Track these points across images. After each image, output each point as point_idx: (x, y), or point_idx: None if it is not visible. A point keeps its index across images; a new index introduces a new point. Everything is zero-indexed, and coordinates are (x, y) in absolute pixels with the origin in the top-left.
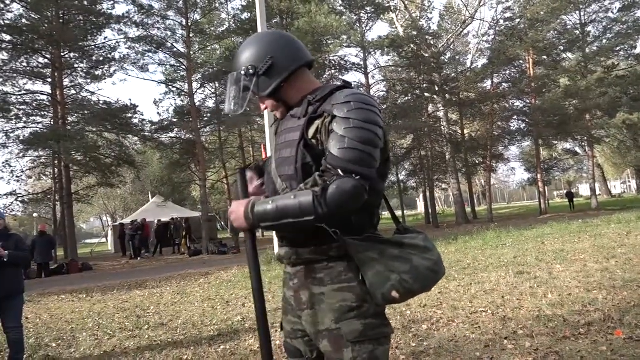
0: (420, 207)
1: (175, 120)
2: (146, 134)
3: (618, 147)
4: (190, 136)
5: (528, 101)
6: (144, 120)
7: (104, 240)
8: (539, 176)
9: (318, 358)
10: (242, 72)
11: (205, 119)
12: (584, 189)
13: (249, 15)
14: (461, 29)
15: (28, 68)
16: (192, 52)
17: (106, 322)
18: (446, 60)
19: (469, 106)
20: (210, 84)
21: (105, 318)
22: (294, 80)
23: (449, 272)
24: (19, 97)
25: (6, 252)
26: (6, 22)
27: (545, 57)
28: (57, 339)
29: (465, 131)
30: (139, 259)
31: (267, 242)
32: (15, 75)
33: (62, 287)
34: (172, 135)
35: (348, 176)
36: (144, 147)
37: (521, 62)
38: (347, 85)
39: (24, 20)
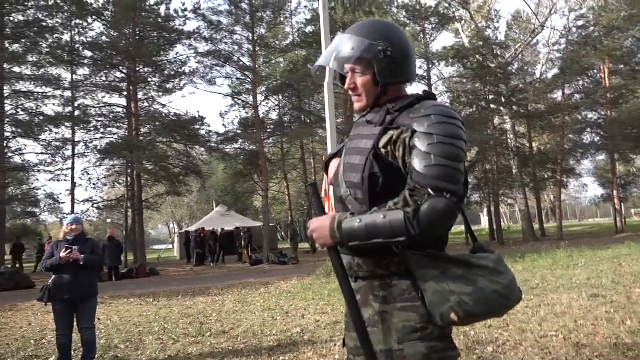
0: (484, 223)
1: (239, 131)
2: (212, 144)
3: None
4: (254, 147)
5: (603, 113)
6: (210, 131)
7: (170, 246)
8: (614, 192)
9: None
10: (380, 46)
11: (269, 130)
12: None
13: (313, 28)
14: (530, 38)
15: (106, 82)
16: (257, 66)
17: (171, 326)
18: (514, 71)
19: (538, 118)
20: (274, 97)
21: (170, 323)
22: (399, 89)
23: None
24: (97, 109)
25: (82, 255)
26: (88, 39)
27: (622, 66)
28: (125, 340)
29: (534, 144)
30: (202, 266)
31: (326, 254)
32: (94, 89)
33: (131, 291)
34: (236, 146)
35: (439, 195)
36: (209, 158)
37: (595, 71)
38: (429, 96)
39: (103, 38)
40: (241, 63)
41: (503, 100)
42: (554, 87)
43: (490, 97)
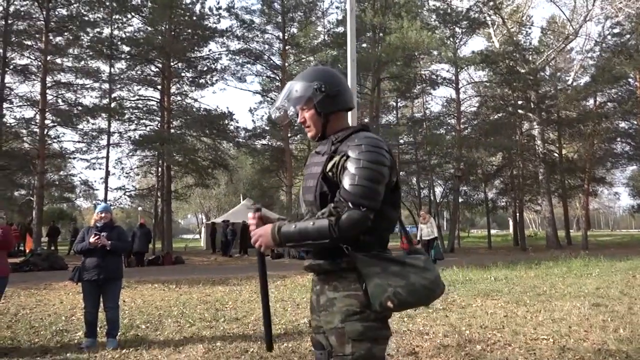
0: (512, 228)
1: (267, 128)
2: (240, 140)
3: None
4: (280, 144)
5: (635, 122)
6: (238, 127)
7: (197, 236)
8: None
9: None
10: (316, 85)
11: (295, 128)
12: None
13: (343, 29)
14: (563, 45)
15: (142, 76)
16: (287, 64)
17: (189, 311)
18: (546, 77)
19: (568, 125)
20: None
21: (189, 308)
22: (339, 116)
23: (519, 297)
24: (132, 102)
25: (109, 242)
26: (127, 34)
27: None
28: (146, 322)
29: (563, 151)
30: (226, 257)
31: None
32: (130, 82)
33: (156, 277)
34: (263, 142)
35: (356, 208)
36: (237, 152)
37: (630, 80)
38: (364, 128)
39: (140, 34)
40: (271, 61)
41: (532, 106)
42: (586, 95)
43: (519, 102)
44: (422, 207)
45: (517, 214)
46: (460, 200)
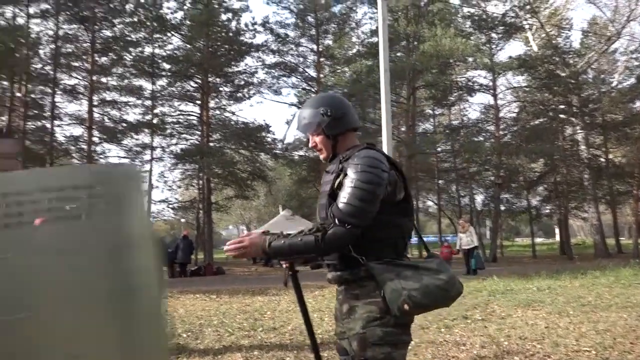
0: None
1: (304, 139)
2: (277, 151)
3: None
4: (316, 155)
5: None
6: (275, 139)
7: None
8: None
9: None
10: (321, 111)
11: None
12: None
13: (377, 39)
14: (606, 46)
15: (182, 92)
16: (322, 76)
17: (228, 321)
18: (588, 80)
19: (613, 129)
20: None
21: (228, 318)
22: (347, 136)
23: (562, 308)
24: (173, 117)
25: None
26: (167, 52)
27: None
28: (187, 331)
29: (610, 156)
30: (267, 267)
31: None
32: (171, 98)
33: (198, 287)
34: (300, 153)
35: (342, 225)
36: (275, 164)
37: None
38: (369, 146)
39: (179, 51)
40: (306, 74)
41: (574, 110)
42: (632, 97)
43: (560, 107)
44: (462, 216)
45: (563, 222)
46: (502, 208)
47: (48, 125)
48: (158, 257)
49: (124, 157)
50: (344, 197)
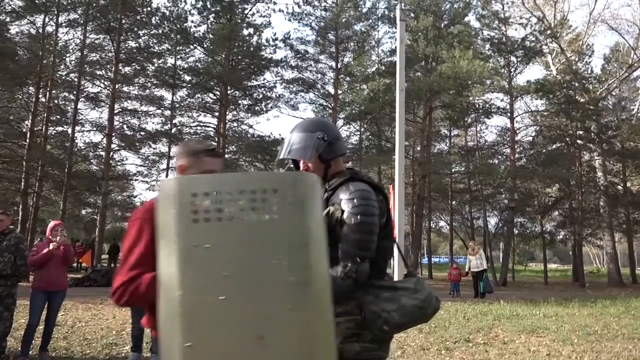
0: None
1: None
2: (291, 165)
3: None
4: None
5: None
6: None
7: None
8: None
9: None
10: (319, 135)
11: (347, 154)
12: None
13: (396, 58)
14: (627, 73)
15: (201, 103)
16: (340, 92)
17: None
18: (609, 106)
19: (632, 157)
20: (354, 123)
21: None
22: (337, 161)
23: (567, 336)
24: (191, 127)
25: None
26: (188, 64)
27: None
28: None
29: (628, 184)
30: None
31: None
32: (190, 109)
33: None
34: None
35: (362, 261)
36: None
37: None
38: (354, 175)
39: (200, 64)
40: (324, 90)
41: (592, 136)
42: None
43: (578, 132)
44: (473, 239)
45: (577, 248)
46: (515, 232)
47: (69, 131)
48: (326, 255)
49: (141, 165)
50: (354, 233)
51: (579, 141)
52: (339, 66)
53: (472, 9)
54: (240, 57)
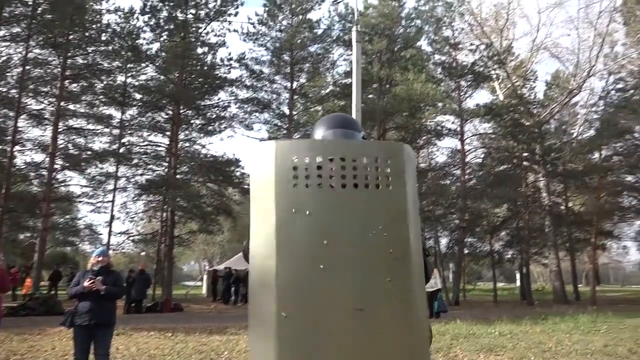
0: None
1: None
2: (245, 186)
3: None
4: None
5: None
6: (244, 173)
7: (199, 283)
8: None
9: None
10: (363, 135)
11: None
12: None
13: (351, 80)
14: (567, 99)
15: (152, 122)
16: (294, 113)
17: None
18: (551, 130)
19: (573, 178)
20: None
21: (183, 357)
22: None
23: (524, 353)
24: (141, 147)
25: (104, 286)
26: (140, 82)
27: None
28: None
29: (570, 204)
30: (227, 305)
31: None
32: (140, 128)
33: (153, 324)
34: None
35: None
36: (242, 199)
37: (635, 134)
38: None
39: (152, 82)
40: (279, 110)
41: (537, 158)
42: (591, 148)
43: (524, 154)
44: None
45: (524, 267)
46: (465, 251)
47: (7, 149)
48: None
49: (86, 186)
50: None
51: (525, 163)
52: (294, 87)
53: (424, 34)
54: (193, 76)
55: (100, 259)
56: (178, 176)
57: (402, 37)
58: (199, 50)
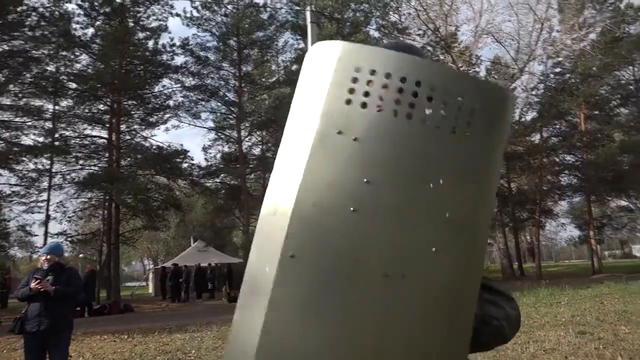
0: None
1: (222, 166)
2: (194, 178)
3: None
4: (236, 182)
5: (580, 156)
6: (193, 165)
7: (144, 283)
8: (591, 234)
9: None
10: None
11: (251, 166)
12: (637, 250)
13: (299, 66)
14: (509, 83)
15: (89, 114)
16: (242, 101)
17: None
18: None
19: (517, 159)
20: (258, 132)
21: (147, 359)
22: None
23: None
24: (78, 140)
25: (53, 287)
26: (74, 71)
27: (597, 112)
28: None
29: (513, 185)
30: (178, 303)
31: None
32: (76, 120)
33: (105, 327)
34: (217, 180)
35: None
36: (191, 191)
37: (572, 117)
38: None
39: (89, 70)
40: (226, 98)
41: None
42: (532, 130)
43: None
44: None
45: None
46: None
47: None
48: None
49: (17, 185)
50: None
51: None
52: (241, 74)
53: (373, 19)
54: (134, 63)
55: (48, 256)
56: (121, 170)
57: (351, 21)
58: (140, 35)
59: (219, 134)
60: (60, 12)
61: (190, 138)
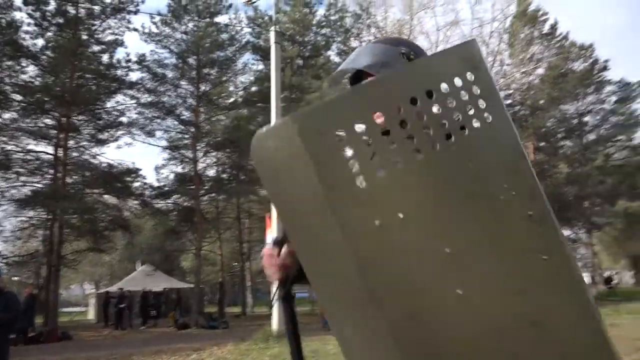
0: None
1: (176, 187)
2: (146, 198)
3: (617, 236)
4: (189, 204)
5: None
6: (145, 184)
7: (84, 308)
8: None
9: None
10: (402, 50)
11: (206, 187)
12: None
13: (258, 88)
14: None
15: (34, 127)
16: (199, 121)
17: None
18: None
19: None
20: (214, 153)
21: None
22: None
23: None
24: (21, 155)
25: None
26: (19, 82)
27: (544, 143)
28: None
29: None
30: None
31: (264, 318)
32: (20, 134)
33: (41, 357)
34: (169, 201)
35: None
36: (142, 212)
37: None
38: None
39: (37, 82)
40: (183, 117)
41: None
42: None
43: None
44: None
45: None
46: None
47: None
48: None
49: None
50: None
51: None
52: (199, 93)
53: (334, 44)
54: (86, 77)
55: None
56: (68, 188)
57: (312, 45)
58: (95, 48)
59: (174, 153)
60: (7, 20)
61: (142, 157)
